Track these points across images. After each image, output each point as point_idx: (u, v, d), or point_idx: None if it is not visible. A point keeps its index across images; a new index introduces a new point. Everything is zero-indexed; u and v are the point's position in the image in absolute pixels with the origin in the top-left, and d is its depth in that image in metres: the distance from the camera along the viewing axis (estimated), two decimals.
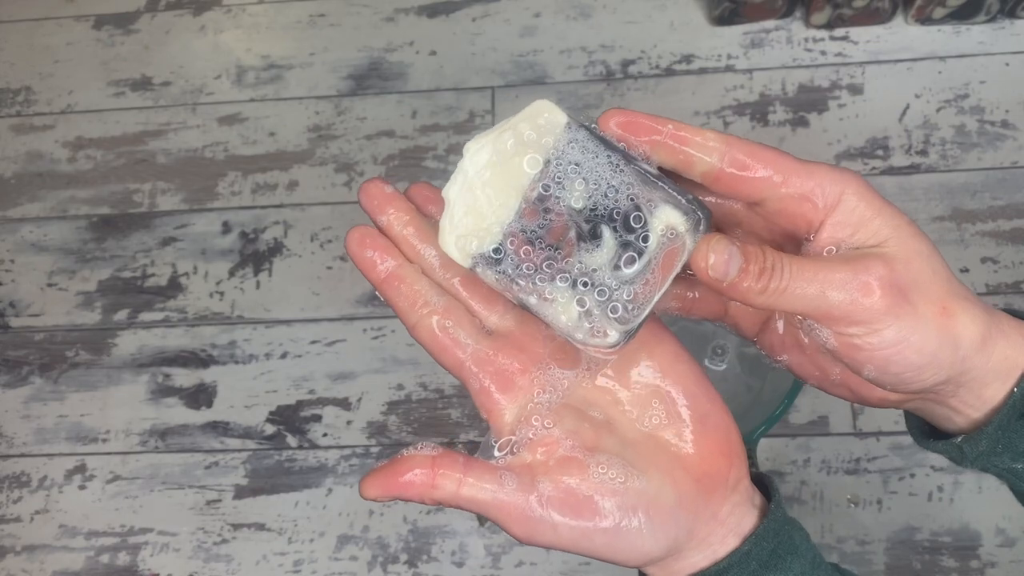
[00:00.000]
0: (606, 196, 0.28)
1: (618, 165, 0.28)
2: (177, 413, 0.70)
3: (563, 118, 0.29)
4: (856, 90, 0.74)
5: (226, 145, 0.78)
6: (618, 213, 0.28)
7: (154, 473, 0.68)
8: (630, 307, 0.29)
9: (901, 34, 0.75)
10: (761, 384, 0.60)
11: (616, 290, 0.29)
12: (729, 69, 0.76)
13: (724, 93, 0.75)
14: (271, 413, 0.69)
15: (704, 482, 0.30)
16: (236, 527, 0.66)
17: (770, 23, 0.77)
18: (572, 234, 0.29)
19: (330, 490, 0.66)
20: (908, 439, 0.63)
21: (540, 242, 0.29)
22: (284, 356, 0.70)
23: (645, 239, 0.28)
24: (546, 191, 0.29)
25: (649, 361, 0.31)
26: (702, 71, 0.76)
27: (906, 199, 0.70)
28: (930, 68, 0.74)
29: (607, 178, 0.28)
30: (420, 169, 0.75)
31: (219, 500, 0.67)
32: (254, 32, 0.83)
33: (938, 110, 0.72)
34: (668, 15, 0.78)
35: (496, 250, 0.29)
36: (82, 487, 0.69)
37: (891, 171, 0.71)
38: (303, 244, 0.74)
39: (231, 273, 0.74)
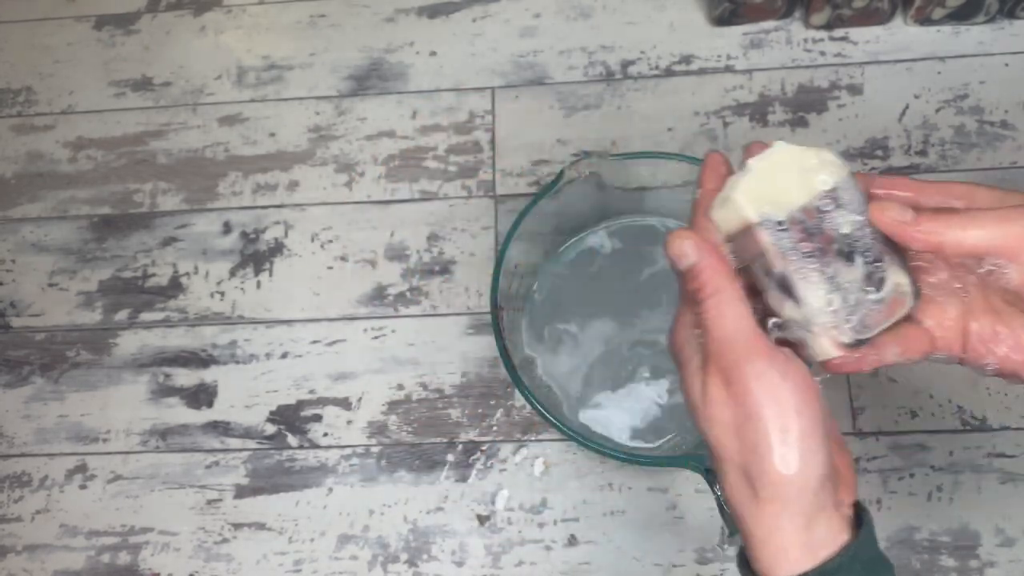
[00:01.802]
0: (864, 234, 0.35)
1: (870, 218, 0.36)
2: (178, 413, 0.70)
3: (847, 167, 0.37)
4: (855, 90, 0.74)
5: (227, 145, 0.78)
6: (870, 252, 0.35)
7: (155, 473, 0.68)
8: (864, 324, 0.36)
9: (900, 34, 0.75)
10: None
11: (858, 306, 0.35)
12: (729, 70, 0.76)
13: (724, 93, 0.75)
14: (272, 413, 0.69)
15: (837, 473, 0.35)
16: (237, 527, 0.66)
17: (769, 23, 0.77)
18: (835, 247, 0.36)
19: (330, 490, 0.67)
20: (907, 439, 0.64)
21: (813, 239, 0.35)
22: (284, 356, 0.71)
23: (882, 282, 0.36)
24: (826, 207, 0.36)
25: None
26: (702, 71, 0.76)
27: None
28: (929, 68, 0.74)
29: (867, 223, 0.35)
30: (421, 169, 0.75)
31: (220, 500, 0.67)
32: (254, 33, 0.83)
33: (937, 110, 0.72)
34: (668, 16, 0.79)
35: (781, 222, 0.35)
36: (83, 487, 0.69)
37: (890, 171, 0.71)
38: (304, 244, 0.74)
39: (232, 273, 0.74)
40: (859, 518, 0.35)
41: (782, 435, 0.32)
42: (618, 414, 0.61)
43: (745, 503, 0.34)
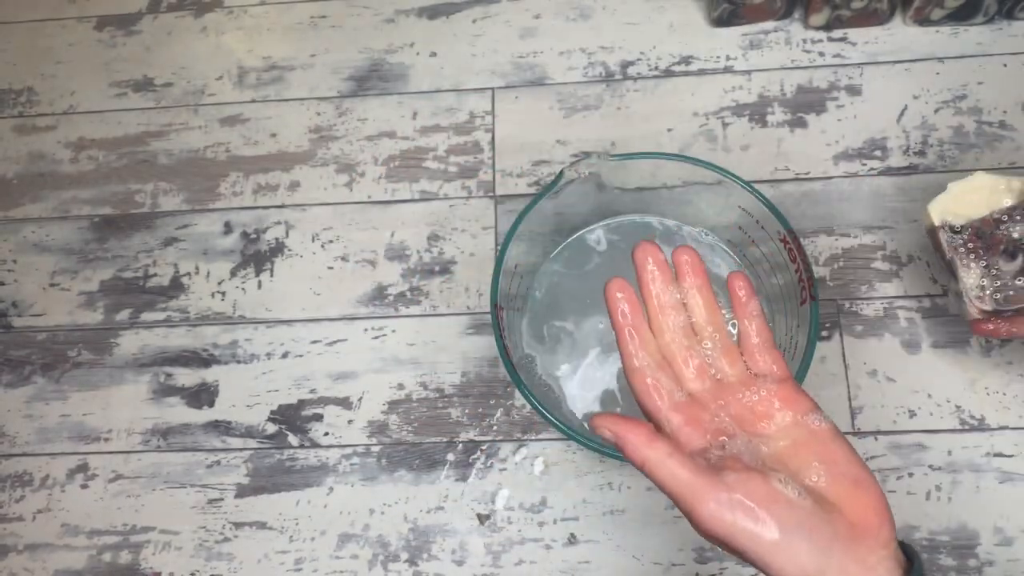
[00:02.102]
0: None
1: None
2: (179, 412, 0.70)
3: None
4: (854, 91, 0.74)
5: (228, 146, 0.79)
6: None
7: (156, 472, 0.69)
8: (1007, 301, 0.54)
9: (899, 35, 0.75)
10: None
11: (1005, 288, 0.54)
12: (728, 70, 0.76)
13: (723, 94, 0.75)
14: (272, 412, 0.69)
15: (858, 529, 0.35)
16: (238, 526, 0.67)
17: (769, 24, 0.77)
18: (1002, 247, 0.54)
19: (331, 489, 0.67)
20: (906, 438, 0.64)
21: (982, 240, 0.55)
22: (285, 356, 0.71)
23: None
24: (1004, 218, 0.55)
25: (811, 437, 0.39)
26: (701, 72, 0.76)
27: (904, 200, 0.70)
28: (928, 69, 0.74)
29: None
30: (421, 170, 0.76)
31: (221, 499, 0.67)
32: (255, 33, 0.83)
33: (936, 111, 0.73)
34: (667, 16, 0.79)
35: (956, 227, 0.57)
36: (84, 486, 0.69)
37: (889, 172, 0.71)
38: (304, 244, 0.74)
39: (233, 273, 0.74)
40: (909, 560, 0.35)
41: (764, 551, 0.34)
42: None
43: None
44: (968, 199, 0.57)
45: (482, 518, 0.65)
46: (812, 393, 0.64)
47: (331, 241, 0.74)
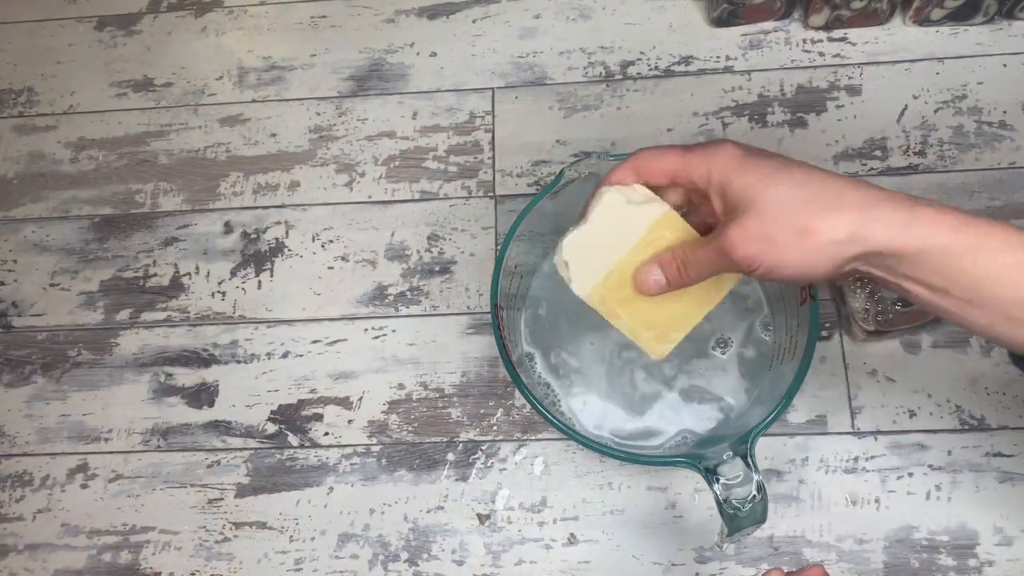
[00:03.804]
0: None
1: None
2: (179, 412, 0.70)
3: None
4: (854, 91, 0.74)
5: (228, 146, 0.79)
6: None
7: (156, 472, 0.69)
8: (887, 323, 0.63)
9: (899, 35, 0.75)
10: (757, 385, 0.60)
11: (887, 313, 0.62)
12: (728, 70, 0.76)
13: (723, 94, 0.75)
14: (272, 412, 0.69)
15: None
16: (238, 525, 0.67)
17: (768, 24, 0.77)
18: None
19: (331, 489, 0.67)
20: (906, 438, 0.64)
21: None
22: (285, 356, 0.71)
23: (909, 303, 0.59)
24: None
25: None
26: (701, 72, 0.76)
27: None
28: (928, 69, 0.74)
29: None
30: (421, 170, 0.76)
31: (221, 499, 0.67)
32: (255, 34, 0.83)
33: (936, 111, 0.73)
34: (667, 17, 0.79)
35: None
36: (84, 486, 0.69)
37: (889, 171, 0.71)
38: (304, 244, 0.74)
39: (233, 273, 0.74)
40: None
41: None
42: (616, 410, 0.61)
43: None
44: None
45: (482, 518, 0.65)
46: (812, 393, 0.65)
47: (331, 241, 0.74)
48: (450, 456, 0.67)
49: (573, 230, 0.45)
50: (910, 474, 0.63)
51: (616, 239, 0.44)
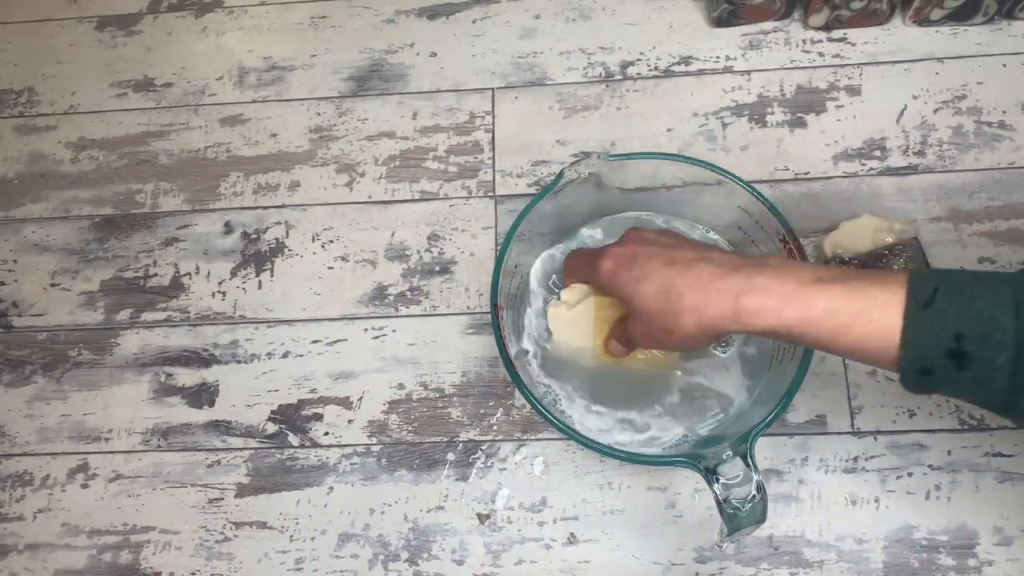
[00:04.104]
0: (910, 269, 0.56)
1: None
2: (179, 412, 0.70)
3: (914, 232, 0.67)
4: (854, 91, 0.74)
5: (228, 146, 0.79)
6: None
7: (156, 472, 0.69)
8: None
9: (899, 35, 0.75)
10: (759, 384, 0.60)
11: None
12: (727, 70, 0.76)
13: (723, 94, 0.75)
14: (273, 412, 0.69)
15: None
16: (238, 525, 0.67)
17: (768, 24, 0.77)
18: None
19: (331, 488, 0.67)
20: (905, 438, 0.64)
21: (867, 268, 0.61)
22: (286, 356, 0.71)
23: None
24: (886, 253, 0.66)
25: None
26: (701, 72, 0.76)
27: (904, 200, 0.70)
28: (928, 69, 0.74)
29: (920, 265, 0.61)
30: (421, 170, 0.76)
31: (221, 499, 0.67)
32: (256, 34, 0.83)
33: (935, 111, 0.73)
34: (667, 17, 0.79)
35: (846, 259, 0.66)
36: (84, 486, 0.69)
37: (888, 172, 0.71)
38: (304, 244, 0.74)
39: (233, 273, 0.74)
40: None
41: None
42: (615, 410, 0.61)
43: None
44: (857, 236, 0.65)
45: (482, 518, 0.65)
46: (812, 393, 0.65)
47: (331, 241, 0.74)
48: (450, 456, 0.67)
49: (547, 344, 0.60)
50: (910, 474, 0.63)
51: (580, 337, 0.57)
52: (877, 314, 0.38)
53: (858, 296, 0.39)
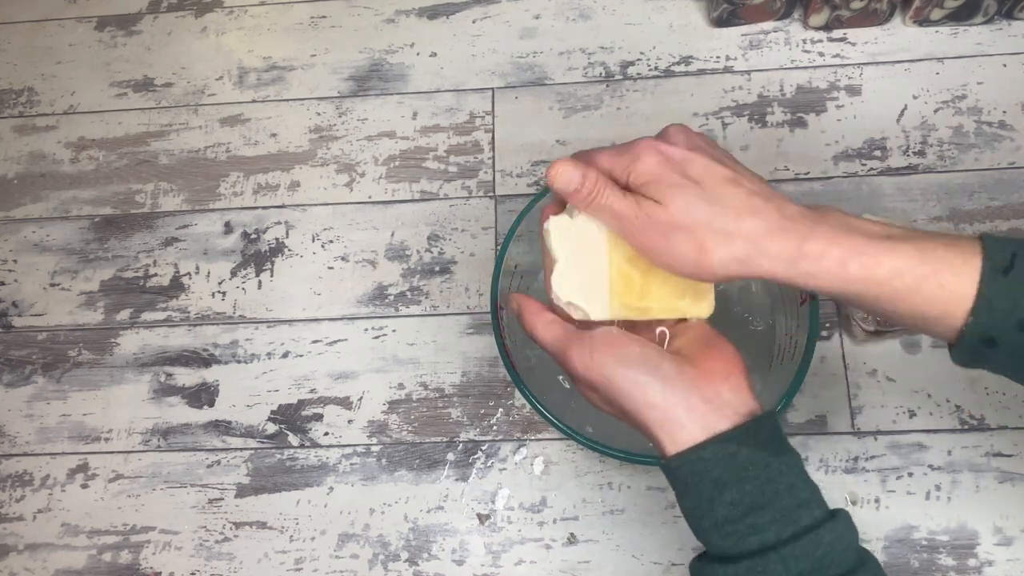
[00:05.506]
0: None
1: None
2: (179, 412, 0.70)
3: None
4: (854, 91, 0.74)
5: (228, 146, 0.79)
6: None
7: (156, 472, 0.69)
8: (885, 323, 0.60)
9: (899, 35, 0.75)
10: (759, 383, 0.60)
11: None
12: (727, 70, 0.76)
13: (723, 94, 0.75)
14: (272, 412, 0.69)
15: (708, 375, 0.41)
16: (238, 525, 0.67)
17: (768, 24, 0.77)
18: None
19: (331, 488, 0.67)
20: (905, 438, 0.64)
21: None
22: (286, 356, 0.71)
23: None
24: None
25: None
26: (701, 72, 0.76)
27: (904, 200, 0.70)
28: (928, 69, 0.74)
29: None
30: (421, 170, 0.76)
31: (221, 499, 0.67)
32: (255, 34, 0.83)
33: (936, 111, 0.73)
34: (667, 17, 0.79)
35: None
36: (84, 486, 0.69)
37: (889, 172, 0.71)
38: (304, 244, 0.74)
39: (233, 273, 0.74)
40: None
41: (617, 389, 0.42)
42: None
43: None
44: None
45: (482, 518, 0.65)
46: (812, 393, 0.65)
47: (331, 241, 0.74)
48: (450, 456, 0.67)
49: (554, 273, 0.44)
50: (910, 474, 0.63)
51: (590, 255, 0.43)
52: (948, 277, 0.36)
53: (929, 257, 0.36)
